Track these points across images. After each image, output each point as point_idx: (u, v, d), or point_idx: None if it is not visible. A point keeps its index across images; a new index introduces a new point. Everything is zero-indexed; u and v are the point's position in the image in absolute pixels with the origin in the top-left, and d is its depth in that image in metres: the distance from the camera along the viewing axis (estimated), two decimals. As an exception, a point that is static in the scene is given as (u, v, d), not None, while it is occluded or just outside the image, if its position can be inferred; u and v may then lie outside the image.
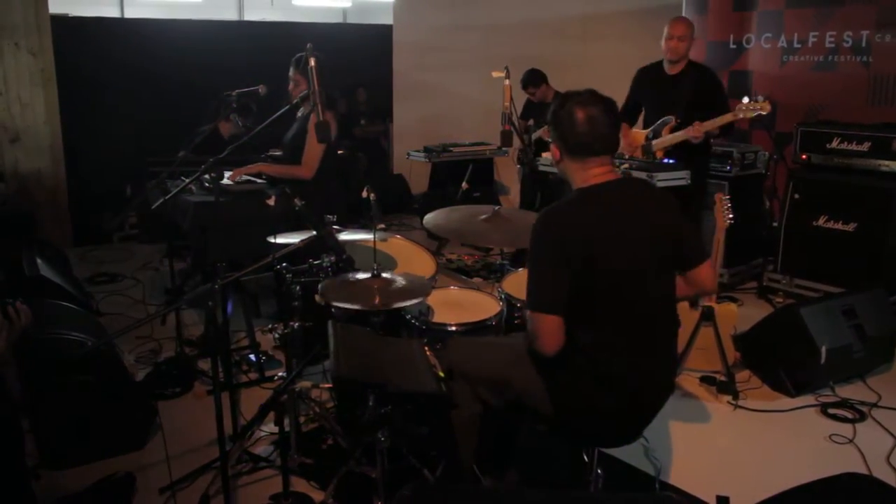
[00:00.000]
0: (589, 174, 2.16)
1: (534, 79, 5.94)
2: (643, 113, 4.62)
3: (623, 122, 4.64)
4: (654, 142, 4.41)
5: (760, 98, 4.01)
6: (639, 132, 4.56)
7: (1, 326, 1.84)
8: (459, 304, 3.14)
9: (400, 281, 2.75)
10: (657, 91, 4.50)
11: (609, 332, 2.13)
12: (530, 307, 2.11)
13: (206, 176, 3.81)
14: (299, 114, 4.07)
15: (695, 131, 4.15)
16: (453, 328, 2.85)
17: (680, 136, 4.25)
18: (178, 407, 3.44)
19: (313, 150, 3.89)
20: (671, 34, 4.32)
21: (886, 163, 4.49)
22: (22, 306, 1.91)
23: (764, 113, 4.00)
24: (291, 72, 3.93)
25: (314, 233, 2.78)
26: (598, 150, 2.15)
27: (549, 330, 2.09)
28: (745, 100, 4.05)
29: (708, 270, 2.33)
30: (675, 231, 2.22)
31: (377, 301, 2.60)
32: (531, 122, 5.99)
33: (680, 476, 2.90)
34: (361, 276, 2.76)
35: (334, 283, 2.75)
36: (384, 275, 2.76)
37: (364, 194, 2.75)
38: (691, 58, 4.44)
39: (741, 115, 4.05)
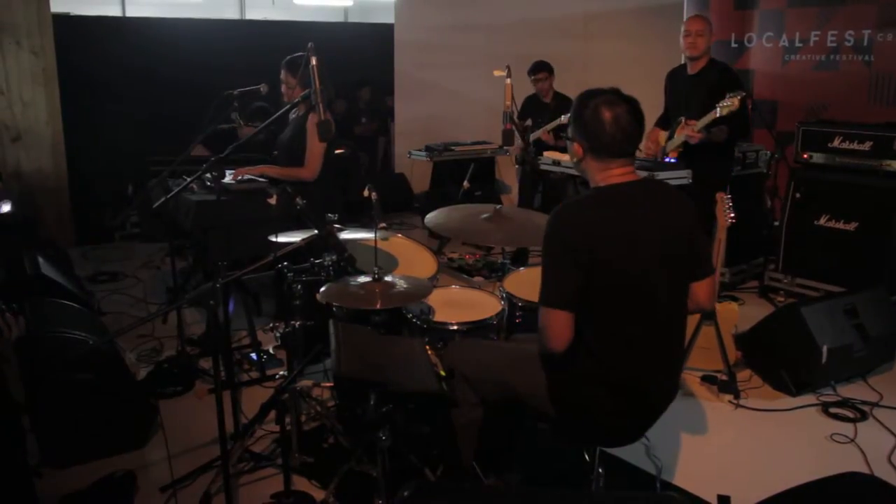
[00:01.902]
0: (609, 174, 2.15)
1: (546, 65, 5.91)
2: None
3: (657, 127, 4.64)
4: (667, 143, 4.41)
5: (738, 95, 3.99)
6: (662, 134, 4.55)
7: None
8: (461, 304, 3.14)
9: (401, 283, 2.75)
10: (678, 91, 4.50)
11: (615, 333, 2.13)
12: (540, 302, 2.11)
13: (208, 175, 3.84)
14: (293, 115, 4.07)
15: (689, 130, 4.15)
16: (454, 327, 2.85)
17: (681, 137, 4.24)
18: (179, 406, 3.45)
19: (315, 151, 3.90)
20: (688, 30, 4.33)
21: (888, 162, 4.48)
22: (15, 318, 1.88)
23: (733, 109, 3.98)
24: (283, 74, 3.94)
25: (315, 232, 2.78)
26: (622, 152, 2.14)
27: (558, 325, 2.08)
28: (727, 96, 4.05)
29: (709, 287, 2.29)
30: (688, 236, 2.19)
31: (378, 304, 2.61)
32: (529, 121, 5.98)
33: (681, 475, 2.90)
34: (362, 279, 2.76)
35: (335, 288, 2.75)
36: (386, 279, 2.76)
37: (365, 193, 2.75)
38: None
39: (718, 113, 4.04)
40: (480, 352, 2.48)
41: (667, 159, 4.39)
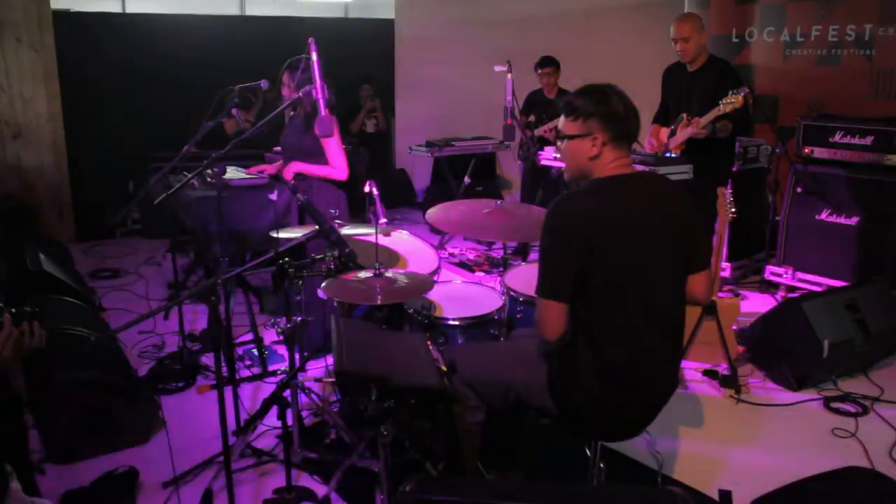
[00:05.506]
0: (612, 165, 2.15)
1: (554, 61, 5.89)
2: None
3: (655, 124, 4.63)
4: (669, 140, 4.41)
5: (741, 92, 3.97)
6: (664, 131, 4.54)
7: (9, 335, 1.81)
8: (462, 299, 3.14)
9: (402, 279, 2.75)
10: (678, 89, 4.48)
11: (614, 324, 2.13)
12: (537, 292, 2.13)
13: (209, 171, 3.83)
14: (292, 114, 4.04)
15: (694, 127, 4.14)
16: (456, 322, 2.85)
17: (687, 132, 4.23)
18: (180, 401, 3.45)
19: (333, 150, 3.82)
20: (675, 37, 4.29)
21: (889, 156, 4.47)
22: (40, 329, 1.89)
23: (737, 106, 3.97)
24: (284, 77, 3.92)
25: (317, 227, 2.78)
26: (635, 136, 2.20)
27: (552, 315, 2.09)
28: (730, 93, 4.03)
29: (704, 280, 2.29)
30: (686, 228, 2.20)
31: (379, 300, 2.61)
32: (532, 117, 5.97)
33: (682, 470, 2.90)
34: (363, 275, 2.76)
35: (337, 283, 2.74)
36: (387, 274, 2.75)
37: (367, 189, 2.75)
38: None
39: (722, 110, 4.01)
40: (480, 355, 2.48)
41: (668, 154, 4.39)
